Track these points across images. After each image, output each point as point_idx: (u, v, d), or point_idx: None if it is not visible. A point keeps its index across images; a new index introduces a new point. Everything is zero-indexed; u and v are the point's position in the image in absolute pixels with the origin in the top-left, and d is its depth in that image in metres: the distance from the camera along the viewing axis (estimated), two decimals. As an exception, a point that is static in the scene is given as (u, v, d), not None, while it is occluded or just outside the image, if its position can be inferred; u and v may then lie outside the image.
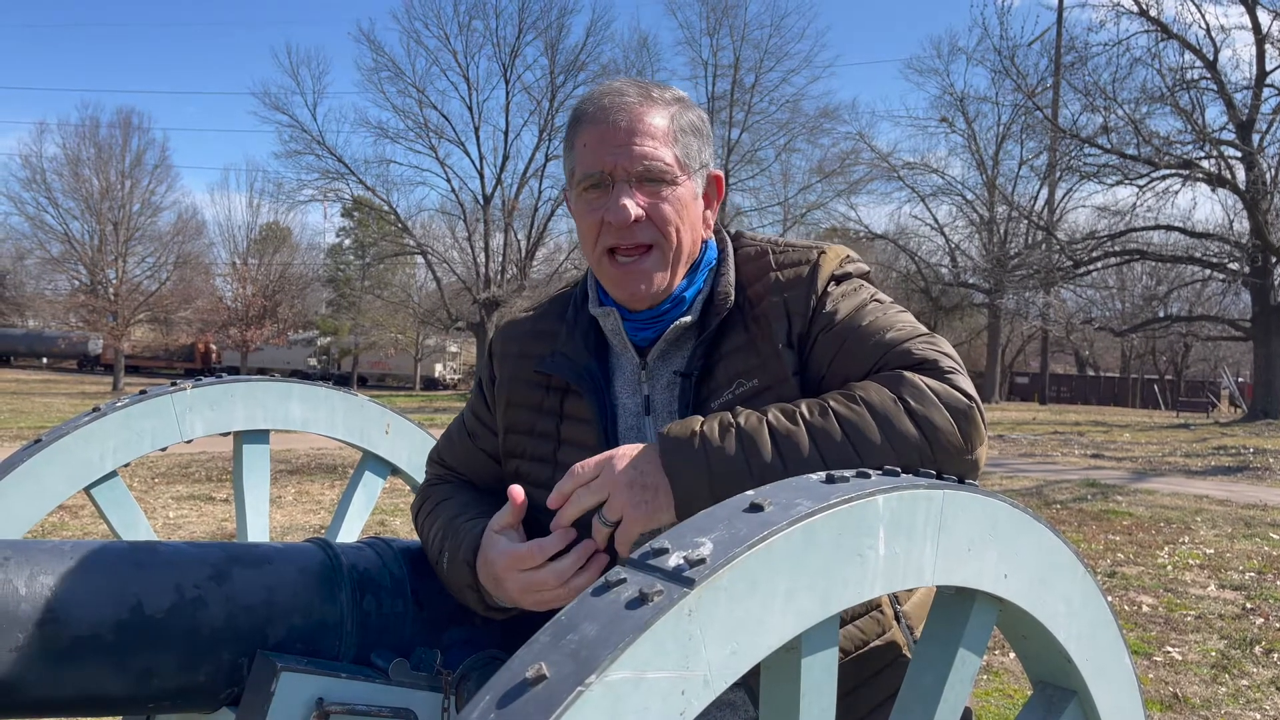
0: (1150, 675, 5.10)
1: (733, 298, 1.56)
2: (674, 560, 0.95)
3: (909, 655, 1.56)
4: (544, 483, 1.55)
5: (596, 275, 1.61)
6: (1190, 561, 8.02)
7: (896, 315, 1.51)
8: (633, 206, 1.49)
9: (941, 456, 1.31)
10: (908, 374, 1.37)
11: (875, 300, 1.54)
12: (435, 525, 1.65)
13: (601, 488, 1.36)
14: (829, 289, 1.54)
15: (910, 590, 1.62)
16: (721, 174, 1.65)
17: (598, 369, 1.61)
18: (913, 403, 1.33)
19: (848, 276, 1.57)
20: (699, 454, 1.32)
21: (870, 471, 1.13)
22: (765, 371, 1.50)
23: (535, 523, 1.52)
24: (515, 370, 1.69)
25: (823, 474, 1.11)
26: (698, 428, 1.35)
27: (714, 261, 1.63)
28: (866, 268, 1.63)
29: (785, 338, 1.50)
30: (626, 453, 1.38)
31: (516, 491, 1.50)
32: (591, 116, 1.53)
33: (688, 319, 1.56)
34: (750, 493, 1.06)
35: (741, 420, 1.35)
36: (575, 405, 1.60)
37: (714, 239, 1.66)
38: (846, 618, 1.49)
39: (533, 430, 1.64)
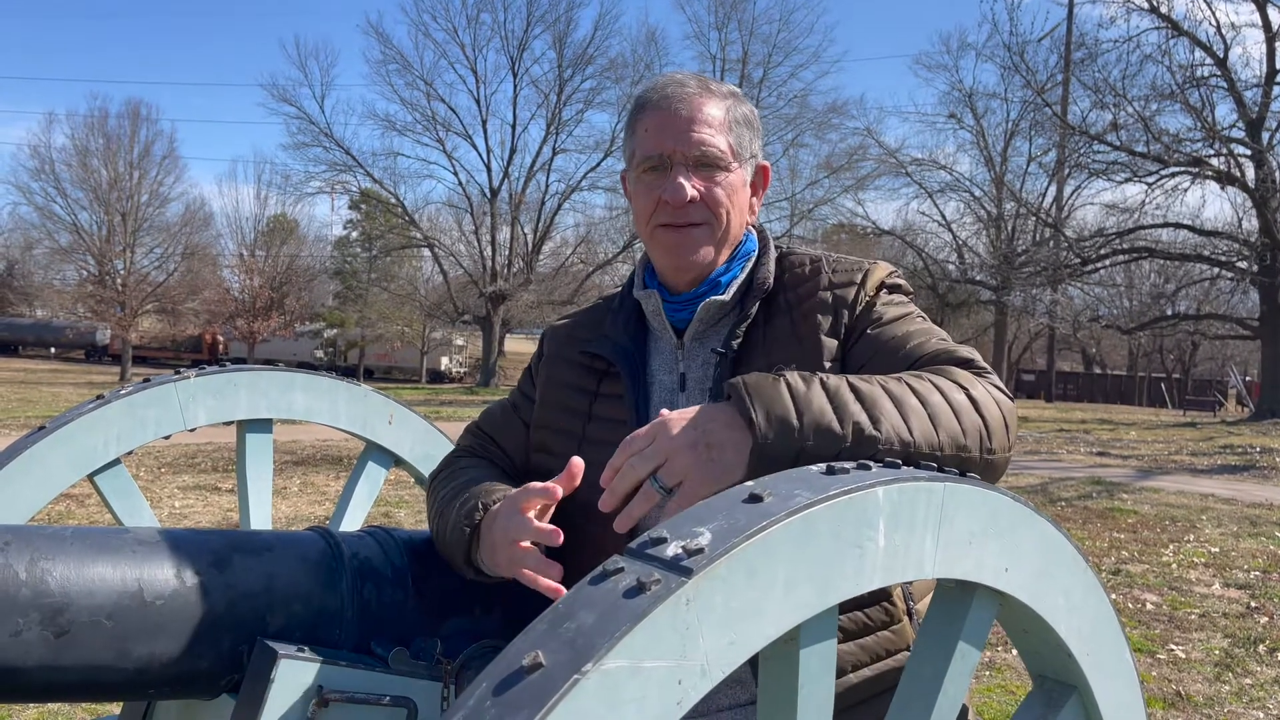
0: (1154, 673, 5.09)
1: (770, 283, 1.65)
2: (672, 550, 0.95)
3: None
4: (566, 455, 1.59)
5: (648, 248, 1.70)
6: (1195, 560, 8.00)
7: (938, 330, 1.59)
8: (689, 187, 1.59)
9: (995, 445, 1.36)
10: (958, 369, 1.43)
11: (920, 316, 1.63)
12: (451, 485, 1.67)
13: (657, 453, 1.28)
14: (879, 293, 1.63)
15: (927, 588, 1.63)
16: (769, 165, 1.75)
17: (634, 348, 1.69)
18: (971, 391, 1.37)
19: (898, 288, 1.67)
20: (785, 400, 1.26)
21: (870, 464, 1.12)
22: (804, 361, 1.55)
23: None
24: (561, 350, 1.79)
25: (823, 465, 1.11)
26: (777, 375, 1.30)
27: (752, 252, 1.71)
28: (912, 290, 1.72)
29: (830, 328, 1.58)
30: (681, 415, 1.30)
31: (577, 464, 1.46)
32: (654, 104, 1.64)
33: (722, 298, 1.64)
34: (750, 483, 1.06)
35: (822, 376, 1.32)
36: (612, 385, 1.67)
37: (754, 232, 1.74)
38: (851, 604, 1.49)
39: (564, 405, 1.71)
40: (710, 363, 1.63)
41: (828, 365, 1.54)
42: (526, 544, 1.46)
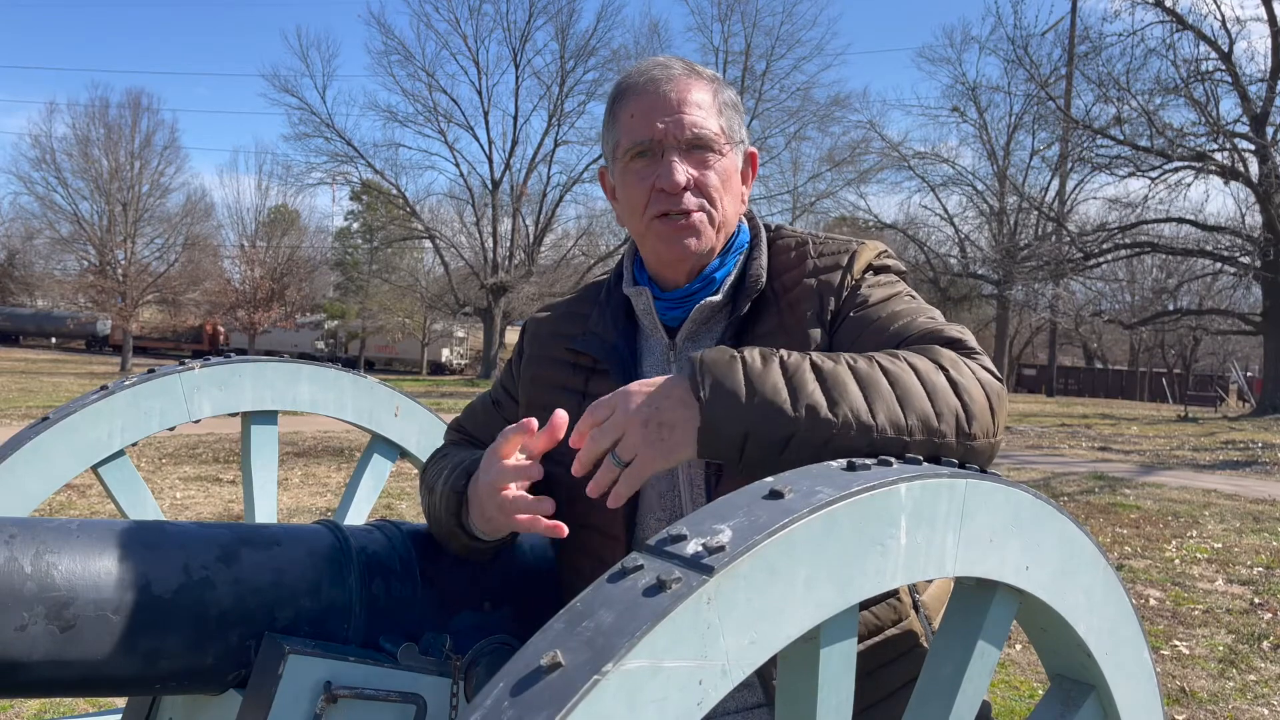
0: (1157, 669, 5.06)
1: (764, 280, 1.58)
2: (692, 547, 0.93)
3: (925, 645, 1.55)
4: (559, 458, 1.56)
5: (641, 243, 1.63)
6: (1198, 555, 7.99)
7: (927, 308, 1.51)
8: (683, 171, 1.52)
9: (975, 429, 1.28)
10: (943, 348, 1.35)
11: (909, 295, 1.55)
12: (439, 469, 1.64)
13: (616, 427, 1.28)
14: (865, 275, 1.56)
15: (929, 580, 1.60)
16: (756, 152, 1.67)
17: (625, 348, 1.62)
18: (952, 372, 1.30)
19: (885, 269, 1.59)
20: (736, 377, 1.23)
21: (892, 459, 1.10)
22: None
23: (551, 494, 1.54)
24: (545, 348, 1.72)
25: (843, 461, 1.09)
26: (736, 352, 1.27)
27: (745, 245, 1.64)
28: (904, 267, 1.64)
29: (816, 319, 1.51)
30: (642, 388, 1.29)
31: (560, 416, 1.41)
32: (640, 88, 1.56)
33: (715, 299, 1.58)
34: (769, 479, 1.04)
35: (783, 353, 1.29)
36: (600, 384, 1.60)
37: (746, 222, 1.67)
38: (861, 604, 1.47)
39: (553, 407, 1.63)
40: None
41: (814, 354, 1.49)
42: (511, 491, 1.43)
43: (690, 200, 1.53)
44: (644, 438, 1.25)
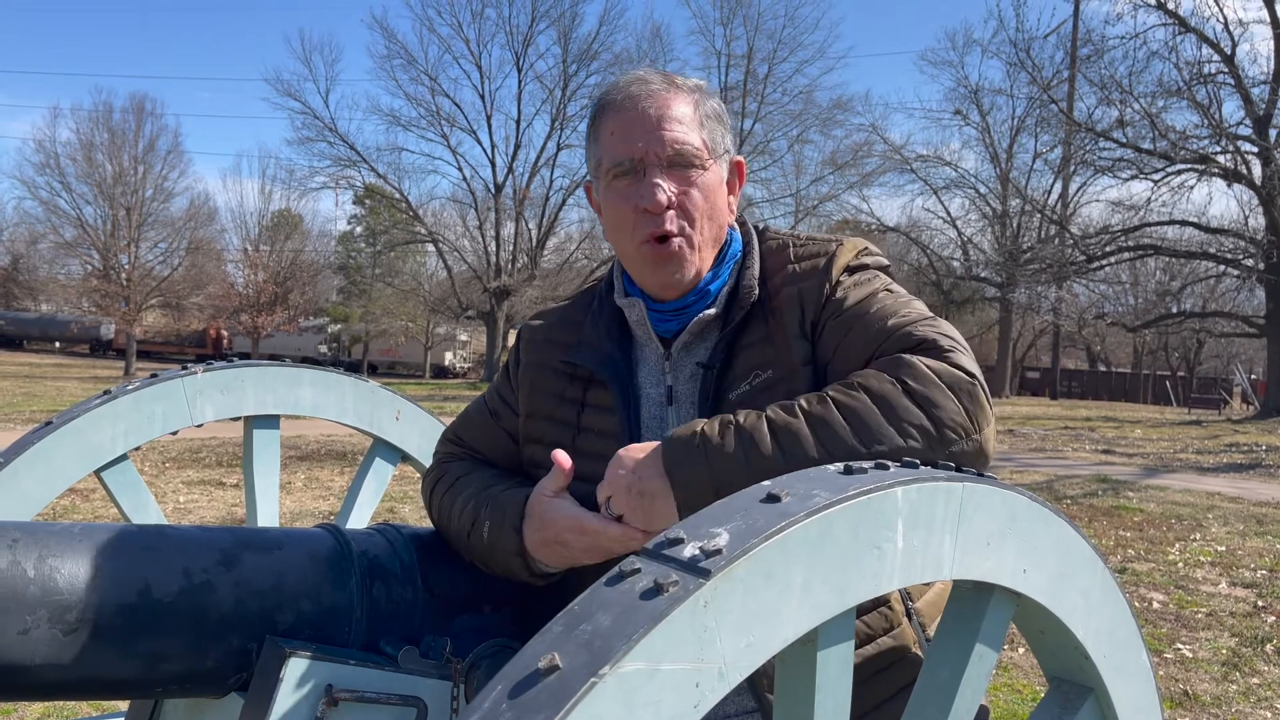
0: (1161, 672, 5.07)
1: (756, 292, 1.57)
2: (689, 550, 0.93)
3: (918, 652, 1.55)
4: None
5: (628, 264, 1.62)
6: (1201, 559, 7.98)
7: (905, 303, 1.50)
8: (664, 190, 1.51)
9: (948, 435, 1.29)
10: (905, 356, 1.36)
11: (887, 290, 1.54)
12: (462, 497, 1.62)
13: (608, 486, 1.38)
14: (842, 279, 1.54)
15: (924, 587, 1.61)
16: (743, 160, 1.67)
17: (621, 358, 1.62)
18: (912, 383, 1.31)
19: (863, 267, 1.58)
20: (699, 453, 1.31)
21: (889, 463, 1.11)
22: (779, 363, 1.51)
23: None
24: (540, 356, 1.71)
25: (840, 465, 1.09)
26: (699, 428, 1.34)
27: (739, 254, 1.64)
28: (885, 261, 1.63)
29: (798, 328, 1.51)
30: (630, 455, 1.37)
31: (561, 456, 1.47)
32: (619, 105, 1.55)
33: (711, 312, 1.57)
34: (767, 483, 1.04)
35: (740, 418, 1.34)
36: (598, 394, 1.61)
37: (739, 230, 1.67)
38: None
39: (553, 417, 1.64)
40: (697, 376, 1.57)
41: (801, 366, 1.48)
42: (590, 521, 1.44)
43: (672, 220, 1.52)
44: (629, 503, 1.36)
